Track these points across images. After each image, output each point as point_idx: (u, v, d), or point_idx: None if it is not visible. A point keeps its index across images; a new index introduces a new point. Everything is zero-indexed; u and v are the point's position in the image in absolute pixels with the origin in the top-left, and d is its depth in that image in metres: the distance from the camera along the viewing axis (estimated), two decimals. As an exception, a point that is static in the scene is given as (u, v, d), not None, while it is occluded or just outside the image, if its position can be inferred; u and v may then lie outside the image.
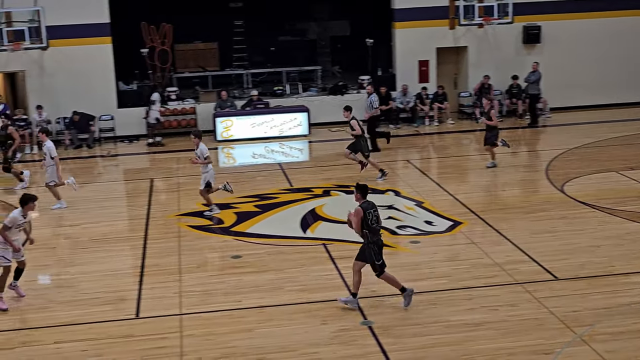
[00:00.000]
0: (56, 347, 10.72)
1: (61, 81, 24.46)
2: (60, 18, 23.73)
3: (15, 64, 24.14)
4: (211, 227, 15.70)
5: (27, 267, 13.13)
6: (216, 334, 10.91)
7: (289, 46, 29.44)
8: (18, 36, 22.82)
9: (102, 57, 24.60)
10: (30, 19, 22.94)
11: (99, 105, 24.51)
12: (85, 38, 24.29)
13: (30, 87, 24.69)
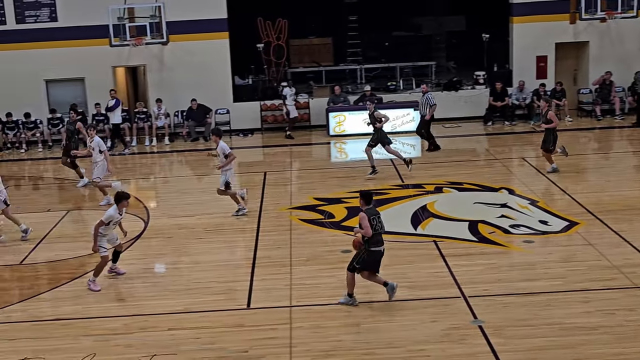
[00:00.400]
0: (171, 333, 11.01)
1: (180, 75, 25.11)
2: (180, 14, 24.34)
3: (136, 58, 24.92)
4: (322, 221, 15.78)
5: (145, 255, 13.58)
6: (324, 327, 10.97)
7: (403, 41, 29.31)
8: (140, 31, 23.50)
9: (219, 52, 25.12)
10: (151, 15, 23.58)
11: (215, 99, 25.03)
12: (204, 33, 24.85)
13: (150, 81, 25.44)
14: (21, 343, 10.92)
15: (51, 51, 24.71)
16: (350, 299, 11.63)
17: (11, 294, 12.97)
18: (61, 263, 14.20)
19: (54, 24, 24.84)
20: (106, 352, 10.48)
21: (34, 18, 24.84)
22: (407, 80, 26.64)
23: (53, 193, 19.73)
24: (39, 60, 24.71)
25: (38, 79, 24.99)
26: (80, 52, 24.65)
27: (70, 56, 24.74)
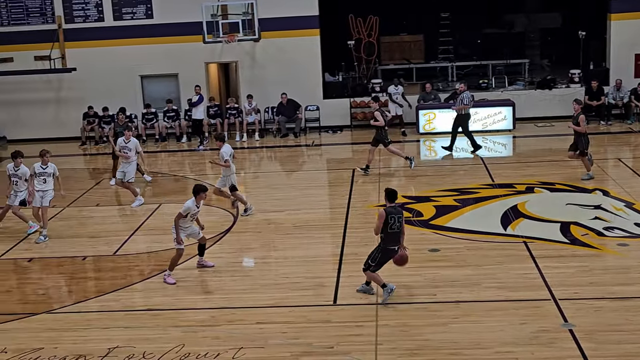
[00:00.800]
0: (258, 327, 11.12)
1: (271, 72, 25.35)
2: (272, 11, 24.56)
3: (229, 55, 25.27)
4: (410, 219, 15.70)
5: (234, 249, 13.74)
6: (410, 325, 10.90)
7: (496, 39, 28.91)
8: (232, 28, 23.81)
9: (310, 49, 25.25)
10: (244, 12, 23.84)
11: (305, 95, 25.17)
12: (295, 30, 25.01)
13: (242, 77, 25.76)
14: (114, 332, 11.21)
15: (146, 47, 25.28)
16: (386, 287, 11.59)
17: (105, 283, 13.32)
18: (153, 255, 14.52)
19: (149, 20, 25.42)
20: (194, 344, 10.66)
21: (130, 15, 25.46)
22: (499, 79, 26.26)
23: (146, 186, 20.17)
24: (135, 57, 25.32)
25: (133, 75, 25.61)
26: (174, 48, 25.16)
27: (164, 52, 25.28)
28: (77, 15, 25.53)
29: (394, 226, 11.44)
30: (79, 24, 25.54)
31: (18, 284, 13.67)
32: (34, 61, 25.29)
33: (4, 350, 10.74)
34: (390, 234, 11.49)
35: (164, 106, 25.01)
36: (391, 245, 11.57)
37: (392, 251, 11.60)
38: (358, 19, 27.27)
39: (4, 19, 25.67)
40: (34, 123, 25.80)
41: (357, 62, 26.92)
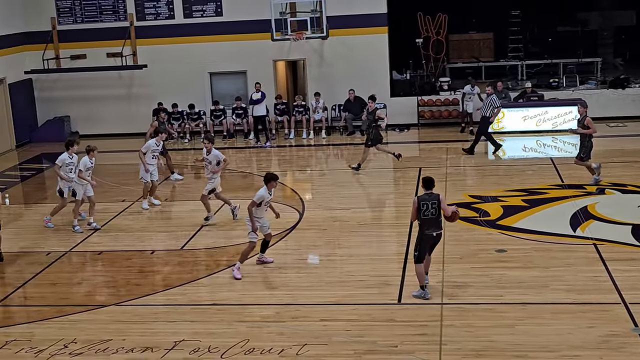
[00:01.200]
0: (322, 324, 11.14)
1: (338, 69, 25.36)
2: (340, 8, 24.57)
3: (297, 52, 25.35)
4: (477, 219, 15.54)
5: (299, 246, 13.78)
6: (476, 326, 10.80)
7: (568, 37, 28.43)
8: (301, 26, 23.89)
9: (378, 47, 25.18)
10: (312, 10, 23.90)
11: (372, 93, 25.01)
12: (363, 28, 24.97)
13: (309, 74, 25.82)
14: (180, 325, 11.36)
15: (216, 45, 25.54)
16: (423, 291, 11.80)
17: (172, 277, 13.51)
18: (219, 250, 14.66)
19: (219, 18, 25.66)
20: (259, 339, 10.73)
21: (200, 13, 25.74)
22: (571, 78, 25.79)
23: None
24: (204, 54, 25.61)
25: (203, 72, 25.90)
26: (243, 46, 25.36)
27: (233, 50, 25.50)
28: (149, 13, 25.93)
29: (428, 212, 11.66)
30: (150, 22, 25.94)
31: (88, 276, 13.96)
32: (106, 58, 25.82)
33: (73, 340, 10.98)
34: (425, 220, 11.70)
35: (232, 103, 25.22)
36: (428, 231, 11.75)
37: (429, 237, 11.76)
38: (427, 17, 27.11)
39: (77, 16, 26.22)
40: (105, 118, 26.31)
41: (425, 60, 26.76)
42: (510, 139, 23.03)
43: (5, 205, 18.95)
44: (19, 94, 25.82)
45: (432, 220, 11.73)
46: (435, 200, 11.73)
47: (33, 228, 16.71)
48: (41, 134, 26.33)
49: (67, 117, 26.61)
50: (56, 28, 26.20)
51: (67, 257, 14.72)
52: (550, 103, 23.71)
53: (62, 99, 26.75)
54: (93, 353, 10.60)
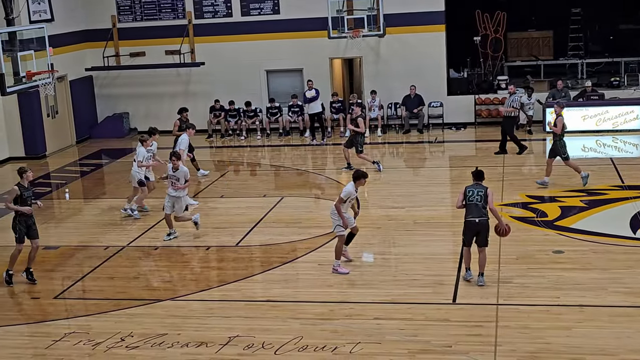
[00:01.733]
0: (376, 322, 11.12)
1: (395, 67, 25.27)
2: (397, 6, 24.47)
3: (353, 50, 25.31)
4: (534, 219, 15.34)
5: (354, 244, 13.76)
6: (532, 328, 10.66)
7: (631, 35, 27.84)
8: (358, 24, 23.85)
9: (435, 45, 25.02)
10: (369, 7, 23.84)
11: (429, 91, 24.95)
12: (420, 26, 24.84)
13: (365, 72, 25.78)
14: (235, 321, 11.45)
15: (272, 42, 25.65)
16: (467, 272, 12.38)
17: (227, 273, 13.61)
18: (274, 247, 14.73)
19: (276, 16, 25.76)
20: (312, 336, 10.75)
21: (257, 11, 25.88)
22: (632, 76, 25.29)
23: (269, 179, 20.49)
24: (261, 51, 25.73)
25: (259, 69, 26.03)
26: (300, 43, 25.43)
27: (290, 48, 25.58)
28: (207, 11, 26.15)
29: (472, 198, 12.20)
30: (208, 20, 26.17)
31: (145, 271, 14.14)
32: (165, 55, 26.12)
33: (130, 334, 11.14)
34: (468, 206, 12.25)
35: (288, 100, 25.30)
36: (470, 217, 12.20)
37: (471, 222, 12.19)
38: (485, 15, 26.86)
39: (137, 14, 26.58)
40: (162, 115, 26.57)
41: (482, 59, 26.51)
42: (569, 139, 22.57)
43: (66, 199, 19.31)
44: (79, 91, 26.27)
45: (475, 207, 12.16)
46: (482, 190, 12.25)
47: (92, 223, 17.00)
48: (101, 130, 26.77)
49: (126, 114, 27.00)
50: (116, 26, 26.60)
51: (125, 251, 14.94)
52: (610, 102, 23.29)
53: (121, 96, 27.16)
54: (149, 347, 10.74)
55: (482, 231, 12.21)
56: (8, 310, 12.43)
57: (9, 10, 18.65)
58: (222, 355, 10.40)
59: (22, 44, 17.96)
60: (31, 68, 17.49)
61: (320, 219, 16.19)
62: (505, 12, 26.72)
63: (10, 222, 13.46)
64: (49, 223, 17.15)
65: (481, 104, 24.94)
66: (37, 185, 20.70)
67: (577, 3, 27.68)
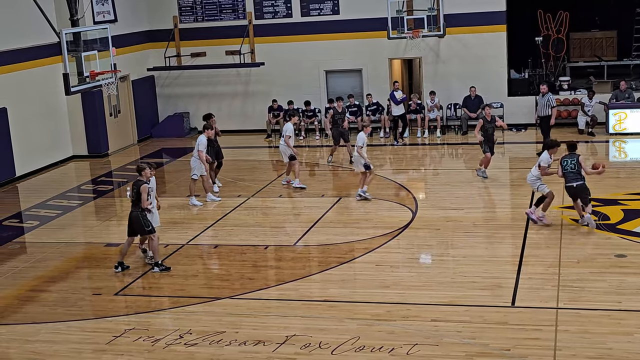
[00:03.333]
0: (434, 324, 11.06)
1: (454, 68, 25.12)
2: (457, 6, 24.33)
3: (413, 50, 25.20)
4: (596, 222, 15.09)
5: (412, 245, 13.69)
6: (592, 333, 10.49)
7: (698, 35, 27.21)
8: (417, 24, 23.77)
9: (495, 45, 24.80)
10: (429, 8, 23.75)
11: (489, 92, 24.72)
12: (481, 26, 24.64)
13: (425, 73, 25.66)
14: (292, 320, 11.49)
15: (332, 43, 25.70)
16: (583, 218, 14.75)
17: (285, 273, 13.67)
18: (331, 247, 14.74)
19: (335, 17, 25.79)
20: (369, 337, 10.74)
21: (317, 11, 25.95)
22: (698, 78, 24.73)
23: (328, 179, 20.51)
24: (320, 52, 25.80)
25: (319, 69, 26.09)
26: (359, 44, 25.44)
27: (349, 48, 25.60)
28: (267, 12, 26.31)
29: (567, 167, 14.57)
30: (268, 20, 26.33)
31: (204, 269, 14.29)
32: (225, 55, 26.35)
33: (189, 331, 11.27)
34: (566, 174, 14.61)
35: (347, 101, 25.29)
36: (569, 183, 14.59)
37: (570, 187, 14.58)
38: (547, 15, 26.50)
39: (198, 15, 26.87)
40: (222, 115, 26.79)
41: (544, 59, 26.16)
42: (633, 141, 22.28)
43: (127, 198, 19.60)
44: (141, 91, 26.66)
45: (572, 174, 14.49)
46: (574, 158, 14.57)
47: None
48: (162, 130, 27.12)
49: (187, 113, 27.31)
50: (178, 26, 26.92)
51: (184, 249, 15.11)
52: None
53: (182, 96, 27.49)
54: (207, 344, 10.85)
55: (580, 193, 14.52)
56: (71, 306, 12.67)
57: (73, 12, 18.99)
58: (279, 354, 10.45)
59: (86, 44, 18.32)
60: (95, 68, 17.81)
61: (378, 220, 16.19)
62: (568, 12, 26.33)
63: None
64: (111, 221, 17.44)
65: (541, 105, 24.60)
66: (100, 183, 21.10)
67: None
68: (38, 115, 22.61)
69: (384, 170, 20.81)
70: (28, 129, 22.12)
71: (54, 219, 17.70)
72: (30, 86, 22.15)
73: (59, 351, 10.99)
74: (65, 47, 16.84)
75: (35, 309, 12.66)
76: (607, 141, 22.57)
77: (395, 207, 17.06)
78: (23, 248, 16.14)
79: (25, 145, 21.96)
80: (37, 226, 17.32)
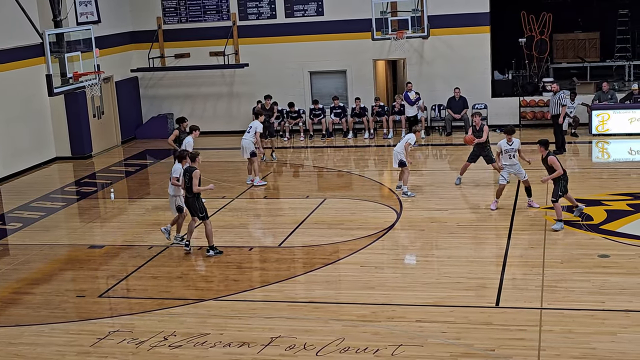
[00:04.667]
0: (418, 325, 11.07)
1: (438, 69, 25.17)
2: (441, 7, 24.37)
3: (397, 51, 25.24)
4: (579, 222, 15.17)
5: (396, 245, 13.68)
6: (576, 333, 10.54)
7: (680, 36, 27.41)
8: (402, 25, 23.81)
9: (479, 46, 24.86)
10: (413, 9, 23.78)
11: (473, 93, 24.79)
12: (465, 27, 24.70)
13: (409, 74, 25.69)
14: (277, 322, 11.47)
15: (316, 44, 25.71)
16: (561, 223, 14.70)
17: (269, 274, 13.66)
18: (316, 248, 14.74)
19: (320, 18, 25.79)
20: (354, 338, 10.74)
21: (301, 12, 25.94)
22: (682, 79, 24.90)
23: (312, 180, 20.50)
24: (305, 53, 25.80)
25: (303, 71, 26.08)
26: (344, 45, 25.45)
27: (334, 49, 25.61)
28: (251, 13, 26.28)
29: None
30: (253, 21, 26.29)
31: (188, 271, 14.24)
32: (209, 57, 26.31)
33: (173, 333, 11.23)
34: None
35: (331, 102, 25.32)
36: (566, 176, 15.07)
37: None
38: (530, 16, 26.61)
39: (182, 16, 26.80)
40: (207, 116, 26.80)
41: (528, 60, 26.27)
42: (615, 142, 22.39)
43: (111, 199, 19.53)
44: (125, 92, 26.57)
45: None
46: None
47: (136, 222, 17.16)
48: (145, 131, 27.03)
49: (171, 115, 27.22)
50: (162, 27, 26.85)
51: (168, 251, 15.06)
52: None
53: (166, 97, 27.42)
54: (192, 346, 10.82)
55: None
56: (54, 308, 12.60)
57: (56, 12, 18.90)
58: (264, 355, 10.43)
59: (69, 45, 18.23)
60: (78, 69, 17.75)
61: (363, 221, 16.20)
62: (551, 13, 26.44)
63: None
64: (94, 222, 17.37)
65: (526, 106, 24.71)
66: (83, 185, 21.00)
67: (624, 4, 27.29)
68: (21, 116, 22.48)
69: (368, 171, 20.82)
70: (11, 130, 21.99)
71: (37, 221, 17.60)
72: (13, 87, 22.02)
73: (42, 354, 10.93)
74: (48, 48, 16.76)
75: (19, 311, 12.59)
76: (590, 142, 22.68)
77: (379, 208, 17.07)
78: (6, 250, 16.05)
79: (8, 147, 21.83)
80: (20, 228, 17.22)
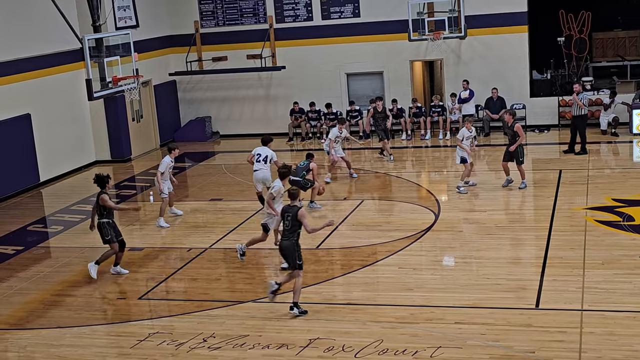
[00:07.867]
0: (457, 327, 11.01)
1: (476, 69, 25.02)
2: (479, 7, 24.25)
3: (434, 52, 25.14)
4: (621, 223, 14.97)
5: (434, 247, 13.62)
6: (618, 334, 10.40)
7: None
8: (438, 26, 23.72)
9: (517, 46, 24.68)
10: (450, 9, 23.70)
11: (511, 93, 24.63)
12: (502, 27, 24.53)
13: (446, 74, 25.58)
14: (315, 323, 11.48)
15: (353, 45, 25.69)
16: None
17: (308, 276, 13.63)
18: (354, 250, 14.73)
19: (356, 19, 25.79)
20: (392, 340, 10.71)
21: (338, 14, 25.95)
22: None
23: (350, 182, 20.47)
24: (341, 54, 25.80)
25: (340, 72, 26.09)
26: (380, 46, 25.42)
27: (370, 50, 25.59)
28: (288, 15, 26.35)
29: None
30: (289, 24, 26.36)
31: (227, 273, 14.31)
32: (246, 60, 26.43)
33: (212, 335, 11.29)
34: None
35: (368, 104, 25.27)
36: None
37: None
38: (569, 15, 26.35)
39: (219, 19, 26.96)
40: (244, 119, 26.94)
41: (566, 60, 26.01)
42: (657, 141, 22.10)
43: (150, 202, 19.69)
44: (163, 95, 26.78)
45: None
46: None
47: (175, 225, 17.27)
48: (184, 134, 27.21)
49: (209, 118, 27.40)
50: (199, 31, 27.02)
51: (207, 253, 15.15)
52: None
53: (203, 100, 27.59)
54: (230, 348, 10.87)
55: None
56: (95, 310, 12.75)
57: (95, 18, 19.10)
58: (303, 357, 10.44)
59: (109, 50, 18.43)
60: (117, 73, 17.93)
61: (401, 222, 16.16)
62: (590, 11, 26.17)
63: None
64: (134, 225, 17.51)
65: (565, 106, 24.47)
66: (122, 188, 21.21)
67: (666, 1, 26.95)
68: (61, 121, 22.76)
69: (406, 172, 20.77)
70: (51, 134, 22.27)
71: (78, 224, 17.81)
72: (54, 92, 22.31)
73: (83, 355, 11.05)
74: (88, 53, 16.95)
75: (60, 313, 12.74)
76: (630, 142, 22.39)
77: (417, 210, 17.02)
78: (47, 253, 16.26)
79: (48, 151, 22.11)
80: (62, 231, 17.45)
